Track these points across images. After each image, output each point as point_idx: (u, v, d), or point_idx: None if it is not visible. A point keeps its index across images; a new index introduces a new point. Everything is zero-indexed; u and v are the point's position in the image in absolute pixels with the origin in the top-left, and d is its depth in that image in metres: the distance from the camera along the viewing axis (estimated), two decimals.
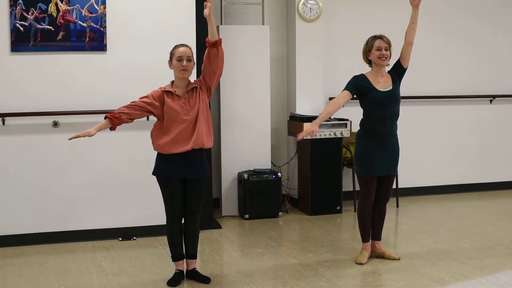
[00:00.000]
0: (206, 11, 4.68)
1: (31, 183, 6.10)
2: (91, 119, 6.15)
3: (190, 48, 4.89)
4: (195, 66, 5.04)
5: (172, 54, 4.86)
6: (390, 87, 5.36)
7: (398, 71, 5.43)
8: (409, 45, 5.39)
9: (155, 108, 4.81)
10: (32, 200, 6.10)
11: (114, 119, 4.73)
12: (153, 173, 4.96)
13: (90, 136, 4.69)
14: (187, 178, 4.88)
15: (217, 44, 4.76)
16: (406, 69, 5.45)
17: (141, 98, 4.85)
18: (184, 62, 4.78)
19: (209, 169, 5.07)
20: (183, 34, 6.06)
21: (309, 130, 5.19)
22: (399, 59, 5.43)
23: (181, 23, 6.31)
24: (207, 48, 4.80)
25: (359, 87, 5.34)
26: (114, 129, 4.79)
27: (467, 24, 8.45)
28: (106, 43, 6.15)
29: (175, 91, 4.83)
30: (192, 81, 4.93)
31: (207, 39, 4.77)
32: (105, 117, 4.75)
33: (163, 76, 5.15)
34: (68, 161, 6.17)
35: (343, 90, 5.36)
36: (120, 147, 6.28)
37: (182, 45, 4.88)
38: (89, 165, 6.20)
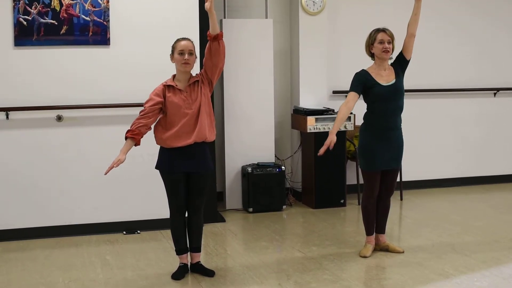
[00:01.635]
0: (207, 5, 4.67)
1: (35, 177, 6.11)
2: (95, 113, 6.17)
3: (192, 41, 4.88)
4: (198, 59, 5.03)
5: (174, 47, 4.84)
6: (393, 81, 5.34)
7: (401, 64, 5.41)
8: (412, 37, 5.36)
9: (162, 104, 4.81)
10: (36, 193, 6.11)
11: (136, 136, 4.76)
12: (156, 167, 4.96)
13: (122, 162, 4.73)
14: (190, 173, 4.88)
15: (218, 37, 4.75)
16: (409, 61, 5.43)
17: (146, 103, 4.81)
18: (186, 56, 4.77)
19: (212, 164, 5.06)
20: (187, 28, 6.06)
21: (328, 142, 5.17)
22: (401, 51, 5.41)
23: (184, 17, 6.30)
24: (208, 41, 4.80)
25: (363, 85, 5.32)
26: (139, 144, 4.82)
27: (470, 17, 8.41)
28: (109, 37, 6.15)
29: (176, 85, 4.83)
30: (194, 74, 4.93)
31: (208, 33, 4.76)
32: (126, 138, 4.76)
33: (166, 70, 5.14)
34: (72, 154, 6.18)
35: (350, 91, 5.32)
36: (123, 141, 6.24)
37: (184, 38, 4.87)
38: (92, 159, 6.20)
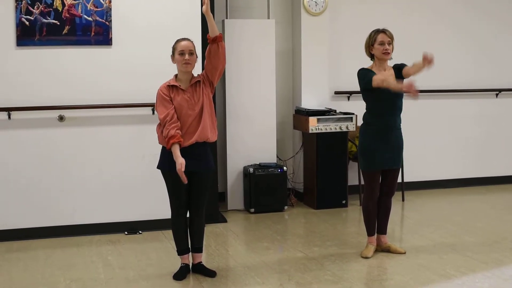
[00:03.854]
0: (204, 8, 4.69)
1: (37, 177, 6.11)
2: (97, 113, 6.17)
3: (192, 41, 4.89)
4: (200, 60, 5.03)
5: (174, 48, 4.85)
6: None
7: (399, 75, 5.28)
8: (409, 76, 5.23)
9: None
10: (38, 193, 6.12)
11: (181, 139, 4.72)
12: (158, 167, 4.97)
13: (184, 164, 4.67)
14: (192, 172, 4.88)
15: (217, 39, 4.75)
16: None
17: (167, 108, 4.77)
18: (186, 56, 4.78)
19: (214, 163, 5.07)
20: (189, 28, 6.06)
21: (411, 86, 4.88)
22: (402, 70, 5.26)
23: (186, 17, 6.30)
24: (208, 44, 4.80)
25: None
26: (183, 145, 4.78)
27: (472, 18, 8.40)
28: (111, 37, 6.15)
29: (179, 85, 4.84)
30: (195, 75, 4.93)
31: (207, 36, 4.78)
32: (172, 144, 4.69)
33: (168, 70, 5.14)
34: (74, 155, 6.18)
35: (372, 77, 5.13)
36: (125, 142, 6.28)
37: (184, 39, 4.87)
38: (94, 159, 6.21)
